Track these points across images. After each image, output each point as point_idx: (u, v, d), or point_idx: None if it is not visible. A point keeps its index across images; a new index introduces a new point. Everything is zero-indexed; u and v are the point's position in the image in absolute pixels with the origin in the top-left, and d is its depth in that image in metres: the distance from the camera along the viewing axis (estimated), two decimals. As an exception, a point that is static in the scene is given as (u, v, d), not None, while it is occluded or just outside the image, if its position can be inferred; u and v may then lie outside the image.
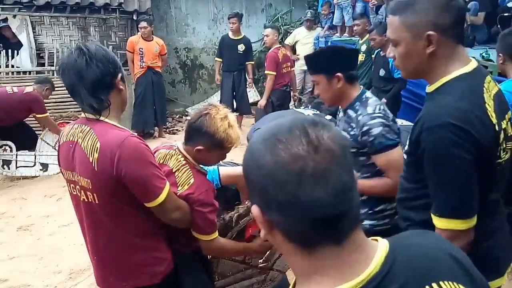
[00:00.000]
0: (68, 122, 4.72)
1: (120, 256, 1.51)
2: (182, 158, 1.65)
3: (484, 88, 1.18)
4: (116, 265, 1.52)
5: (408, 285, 0.63)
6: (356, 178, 0.65)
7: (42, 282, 2.96)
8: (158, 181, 1.42)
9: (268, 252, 1.96)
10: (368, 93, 1.89)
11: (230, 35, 6.17)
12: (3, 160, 4.75)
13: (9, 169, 4.78)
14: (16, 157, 4.77)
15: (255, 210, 0.66)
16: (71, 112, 5.32)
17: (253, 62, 6.48)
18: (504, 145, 1.20)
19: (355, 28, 5.19)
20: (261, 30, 8.23)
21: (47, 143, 4.85)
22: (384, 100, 4.40)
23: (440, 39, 1.17)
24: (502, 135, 1.17)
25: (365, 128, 1.74)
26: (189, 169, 1.63)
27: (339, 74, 1.79)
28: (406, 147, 1.30)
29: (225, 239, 1.75)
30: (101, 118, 1.44)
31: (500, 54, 2.64)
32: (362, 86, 1.92)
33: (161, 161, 1.69)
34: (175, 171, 1.62)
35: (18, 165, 4.81)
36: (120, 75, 1.47)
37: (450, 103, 1.13)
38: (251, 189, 0.67)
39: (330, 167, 0.60)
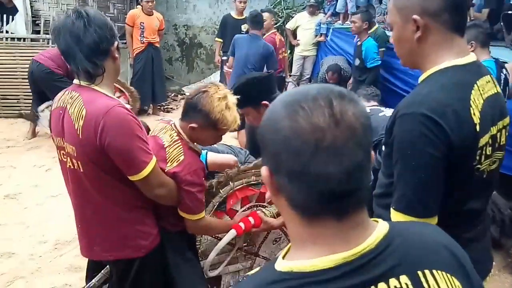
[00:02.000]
0: (122, 91, 4.85)
1: (104, 226, 1.49)
2: (175, 134, 1.62)
3: (476, 85, 1.11)
4: (100, 235, 1.51)
5: (400, 267, 0.63)
6: (372, 160, 0.64)
7: (26, 251, 2.95)
8: (143, 155, 1.39)
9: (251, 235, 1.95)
10: None
11: (234, 15, 6.04)
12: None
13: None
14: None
15: (264, 171, 0.66)
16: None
17: None
18: (489, 152, 1.12)
19: (351, 24, 5.10)
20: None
21: None
22: None
23: (427, 24, 1.11)
24: (485, 139, 1.10)
25: None
26: (181, 146, 1.59)
27: (264, 102, 1.88)
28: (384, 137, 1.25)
29: (210, 217, 1.73)
30: (93, 85, 1.41)
31: (473, 42, 2.75)
32: None
33: (155, 134, 1.66)
34: (166, 147, 1.59)
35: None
36: (116, 43, 1.45)
37: (429, 93, 1.07)
38: (264, 149, 0.66)
39: (348, 144, 0.59)
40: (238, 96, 1.91)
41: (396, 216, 1.10)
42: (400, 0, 1.15)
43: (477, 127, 1.07)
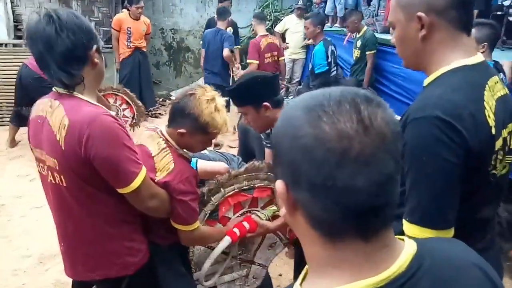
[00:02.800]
0: (117, 94, 4.78)
1: (89, 243, 1.39)
2: (163, 142, 1.54)
3: (487, 86, 1.05)
4: (85, 253, 1.41)
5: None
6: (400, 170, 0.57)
7: (10, 266, 2.82)
8: (132, 165, 1.29)
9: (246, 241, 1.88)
10: None
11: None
12: None
13: None
14: None
15: (279, 185, 0.58)
16: (120, 85, 5.30)
17: (240, 47, 6.29)
18: (501, 156, 1.07)
19: (346, 29, 5.07)
20: (250, 15, 8.04)
21: None
22: None
23: (433, 22, 1.05)
24: (499, 143, 1.04)
25: None
26: (170, 154, 1.51)
27: (265, 103, 1.82)
28: None
29: (204, 226, 1.66)
30: (74, 93, 1.30)
31: (485, 44, 2.69)
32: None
33: (141, 142, 1.57)
34: (154, 156, 1.51)
35: None
36: (95, 46, 1.32)
37: (442, 94, 1.00)
38: (279, 159, 0.58)
39: (378, 153, 0.52)
40: (239, 94, 1.87)
41: (410, 228, 1.03)
42: None
43: (493, 130, 1.01)
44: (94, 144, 1.22)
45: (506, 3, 3.82)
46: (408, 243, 0.61)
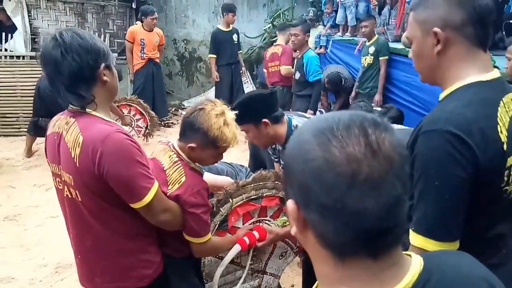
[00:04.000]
0: (130, 105, 4.97)
1: (106, 256, 1.42)
2: (175, 155, 1.56)
3: (502, 102, 1.05)
4: (101, 266, 1.43)
5: None
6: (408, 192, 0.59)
7: (27, 275, 2.87)
8: (145, 181, 1.32)
9: (257, 251, 1.89)
10: (294, 120, 1.99)
11: (223, 28, 6.10)
12: None
13: None
14: None
15: (290, 204, 0.60)
16: (134, 96, 5.47)
17: (241, 51, 6.62)
18: None
19: (363, 30, 5.02)
20: (261, 25, 8.15)
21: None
22: (310, 112, 4.30)
23: (449, 38, 1.06)
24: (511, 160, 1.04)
25: None
26: (181, 167, 1.54)
27: (265, 120, 1.87)
28: None
29: (215, 237, 1.67)
30: (88, 110, 1.33)
31: (510, 57, 2.61)
32: (288, 117, 2.00)
33: (154, 156, 1.60)
34: (166, 169, 1.54)
35: None
36: (103, 65, 1.32)
37: (454, 109, 1.01)
38: (291, 181, 0.60)
39: (386, 176, 0.54)
40: (238, 113, 1.87)
41: (416, 238, 1.04)
42: (420, 14, 1.10)
43: (505, 146, 1.01)
44: (107, 161, 1.25)
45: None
46: (415, 259, 0.62)
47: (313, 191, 0.55)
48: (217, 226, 1.75)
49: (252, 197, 1.82)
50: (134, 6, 6.47)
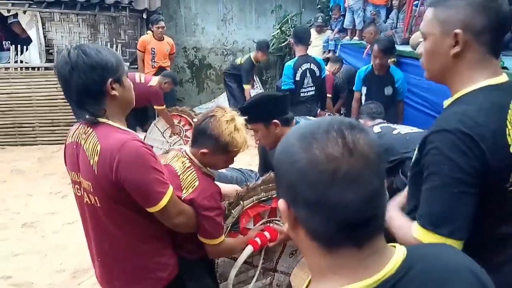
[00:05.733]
0: (181, 116, 5.15)
1: (124, 260, 1.48)
2: (188, 161, 1.62)
3: (511, 105, 1.07)
4: (121, 269, 1.49)
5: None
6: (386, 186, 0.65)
7: (45, 281, 2.95)
8: (160, 186, 1.37)
9: (269, 250, 1.93)
10: (302, 123, 1.96)
11: (254, 60, 6.27)
12: None
13: None
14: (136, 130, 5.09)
15: (281, 203, 0.66)
16: (185, 107, 5.68)
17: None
18: None
19: (365, 40, 5.10)
20: (270, 31, 8.21)
21: (158, 129, 5.24)
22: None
23: (468, 41, 1.06)
24: None
25: None
26: (194, 172, 1.59)
27: (275, 120, 1.92)
28: (415, 154, 1.17)
29: (228, 238, 1.72)
30: (103, 120, 1.39)
31: None
32: (296, 120, 2.03)
33: (168, 162, 1.66)
34: (180, 174, 1.59)
35: None
36: (110, 80, 1.35)
37: (466, 111, 1.04)
38: (280, 182, 0.67)
39: (363, 172, 0.60)
40: (250, 111, 1.94)
41: (420, 232, 1.06)
42: (442, 12, 1.10)
43: (511, 148, 1.03)
44: (124, 168, 1.31)
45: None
46: (398, 248, 0.68)
47: (299, 189, 0.62)
48: (229, 228, 1.80)
49: (262, 198, 1.87)
50: (144, 16, 6.59)
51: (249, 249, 1.76)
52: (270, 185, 1.88)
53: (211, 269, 1.83)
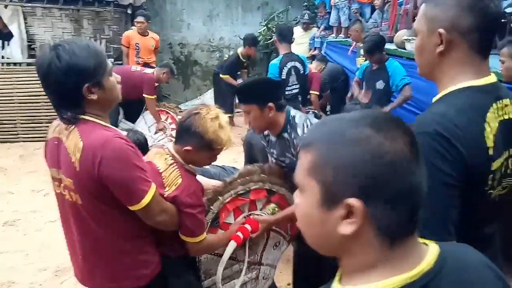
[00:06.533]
0: (168, 112, 5.09)
1: (105, 258, 1.47)
2: (171, 158, 1.61)
3: (492, 107, 1.06)
4: (103, 266, 1.48)
5: (459, 285, 0.64)
6: None
7: (27, 279, 2.91)
8: (143, 184, 1.36)
9: (251, 244, 1.94)
10: (292, 111, 2.03)
11: (241, 57, 6.15)
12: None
13: None
14: (119, 122, 5.01)
15: (356, 203, 0.60)
16: (172, 104, 5.62)
17: (247, 70, 6.69)
18: (498, 177, 1.08)
19: (350, 38, 5.13)
20: (256, 28, 8.21)
21: (145, 121, 5.12)
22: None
23: (454, 41, 1.05)
24: (497, 164, 1.06)
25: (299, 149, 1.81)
26: (177, 169, 1.58)
27: (270, 104, 1.90)
28: None
29: (209, 235, 1.72)
30: (85, 117, 1.36)
31: (504, 59, 2.66)
32: (287, 108, 2.05)
33: (150, 159, 1.65)
34: (162, 172, 1.58)
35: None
36: (86, 85, 1.30)
37: (444, 114, 1.03)
38: (348, 179, 0.61)
39: (418, 160, 0.64)
40: (247, 92, 1.97)
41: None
42: (431, 10, 1.09)
43: (490, 151, 1.03)
44: (106, 165, 1.29)
45: (508, 10, 3.85)
46: (431, 245, 0.68)
47: (387, 182, 0.60)
48: (209, 224, 1.80)
49: (240, 192, 1.88)
50: (129, 11, 6.52)
51: (232, 245, 1.77)
52: (247, 177, 1.88)
53: (194, 267, 1.83)
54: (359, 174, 0.60)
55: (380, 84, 4.04)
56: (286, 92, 4.18)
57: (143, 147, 2.37)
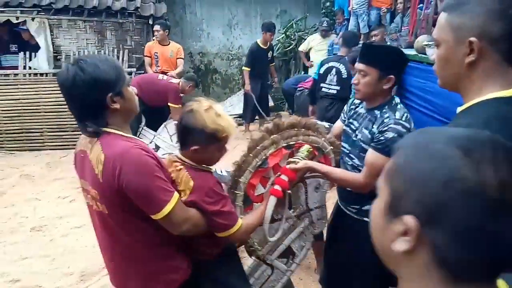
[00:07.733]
0: None
1: (135, 264, 1.51)
2: (179, 163, 1.57)
3: None
4: (133, 272, 1.53)
5: None
6: None
7: (53, 284, 2.98)
8: (163, 194, 1.37)
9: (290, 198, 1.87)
10: (397, 99, 1.89)
11: (261, 44, 6.35)
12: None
13: None
14: (141, 130, 5.08)
15: (410, 220, 0.55)
16: None
17: (274, 63, 6.87)
18: None
19: (373, 38, 5.10)
20: (275, 36, 8.24)
21: (167, 131, 5.12)
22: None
23: (484, 49, 1.00)
24: None
25: (384, 128, 1.76)
26: (186, 172, 1.53)
27: (392, 76, 1.79)
28: None
29: (245, 217, 1.67)
30: (107, 129, 1.41)
31: None
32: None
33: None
34: (175, 179, 1.55)
35: (138, 136, 4.95)
36: (110, 94, 1.36)
37: (470, 125, 0.96)
38: (414, 194, 0.56)
39: None
40: (377, 54, 1.82)
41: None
42: (456, 18, 1.03)
43: None
44: (125, 175, 1.32)
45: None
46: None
47: (453, 211, 0.53)
48: (242, 207, 1.76)
49: (258, 164, 1.78)
50: (151, 22, 6.67)
51: (273, 200, 1.68)
52: (258, 147, 1.78)
53: (233, 265, 1.78)
54: (427, 193, 0.55)
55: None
56: (323, 89, 4.31)
57: None
